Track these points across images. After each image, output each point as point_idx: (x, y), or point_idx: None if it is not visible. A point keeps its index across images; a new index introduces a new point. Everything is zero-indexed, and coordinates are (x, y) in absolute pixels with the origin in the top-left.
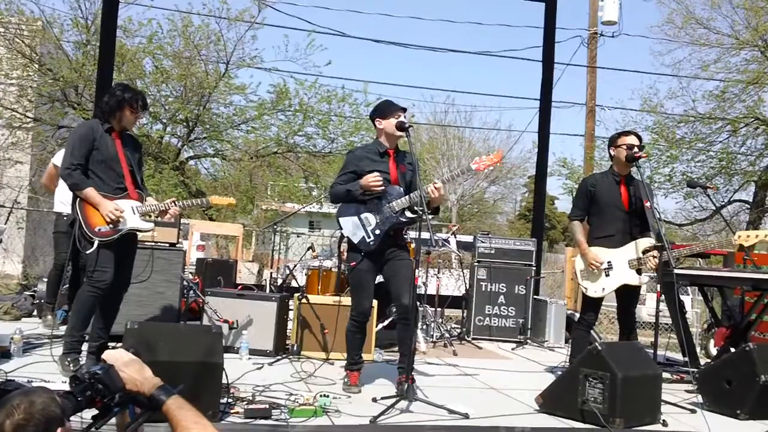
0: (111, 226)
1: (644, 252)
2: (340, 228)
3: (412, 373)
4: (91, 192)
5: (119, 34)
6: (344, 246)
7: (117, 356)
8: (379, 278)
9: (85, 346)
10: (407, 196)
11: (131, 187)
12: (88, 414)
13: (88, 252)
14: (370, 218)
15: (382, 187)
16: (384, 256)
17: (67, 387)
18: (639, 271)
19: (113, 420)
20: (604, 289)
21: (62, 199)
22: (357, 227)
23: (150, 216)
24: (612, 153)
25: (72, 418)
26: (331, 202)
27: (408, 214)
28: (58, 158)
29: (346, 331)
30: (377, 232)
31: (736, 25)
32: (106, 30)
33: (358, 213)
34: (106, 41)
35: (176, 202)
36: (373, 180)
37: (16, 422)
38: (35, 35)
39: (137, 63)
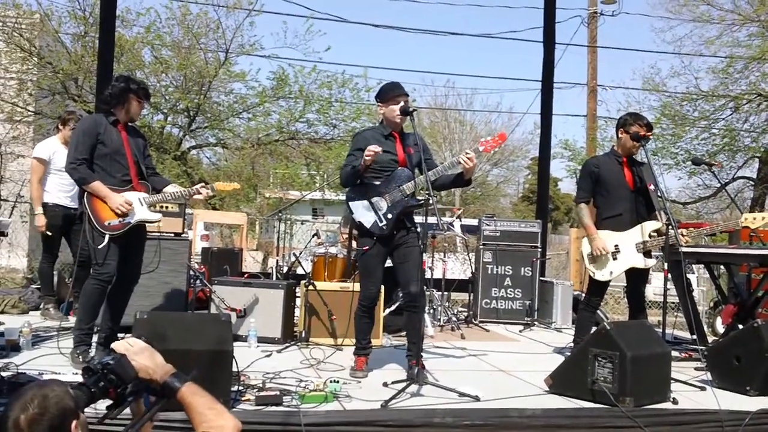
0: (120, 219)
1: (651, 234)
2: (351, 213)
3: (422, 359)
4: (98, 185)
5: (117, 25)
6: (347, 231)
7: (128, 345)
8: (388, 262)
9: (95, 338)
10: (417, 179)
11: (136, 179)
12: (102, 404)
13: (100, 246)
14: (381, 202)
15: (372, 153)
16: (393, 241)
17: (79, 378)
18: (648, 254)
19: (127, 410)
20: (611, 272)
21: (48, 188)
22: (368, 211)
23: (156, 206)
24: (619, 135)
25: (86, 409)
26: (342, 185)
27: (419, 197)
28: (39, 151)
29: (355, 315)
30: (389, 215)
31: (739, 0)
32: (105, 20)
33: (369, 198)
34: (105, 32)
35: (206, 186)
36: (368, 152)
37: (30, 416)
38: (33, 28)
39: (136, 53)
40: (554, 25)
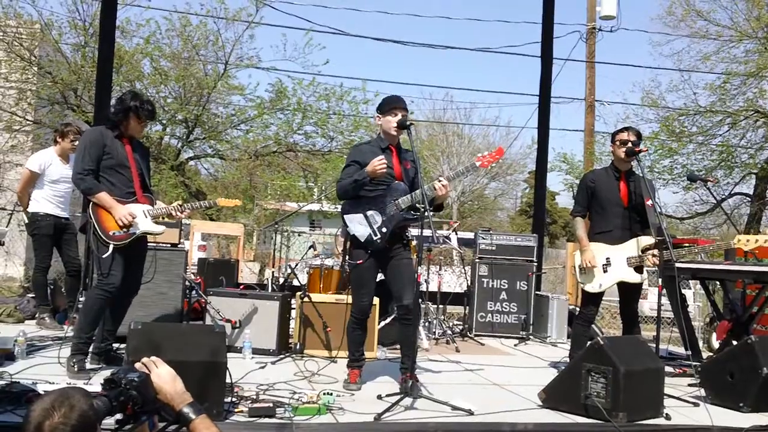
0: (124, 230)
1: (643, 250)
2: (346, 226)
3: (416, 371)
4: (104, 196)
5: (117, 36)
6: (342, 243)
7: (153, 366)
8: (380, 276)
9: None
10: (412, 194)
11: (140, 191)
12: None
13: (104, 256)
14: (376, 216)
15: (385, 167)
16: (387, 255)
17: (96, 387)
18: (639, 269)
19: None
20: (601, 285)
21: (38, 198)
22: (363, 225)
23: (160, 219)
24: (611, 149)
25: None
26: (338, 197)
27: (413, 211)
28: (32, 163)
29: (347, 327)
30: (384, 229)
31: (737, 17)
32: (105, 31)
33: (364, 211)
34: (104, 43)
35: (184, 205)
36: (378, 163)
37: (54, 424)
38: (34, 38)
39: (136, 64)
40: (552, 40)
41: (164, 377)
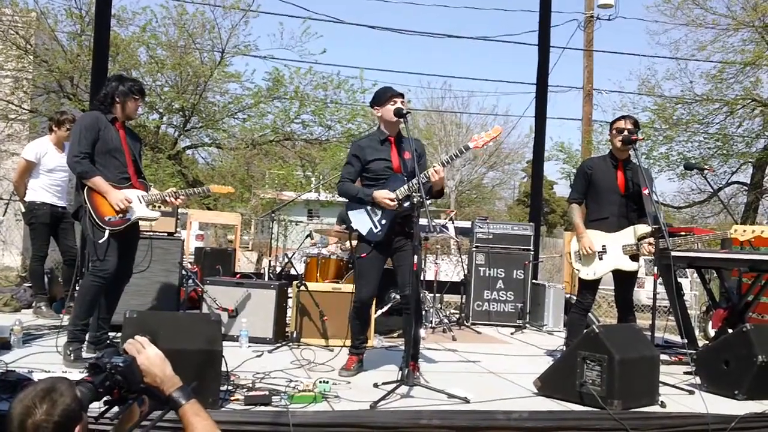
0: (120, 215)
1: (640, 239)
2: (350, 222)
3: (414, 361)
4: (99, 180)
5: (113, 24)
6: (340, 229)
7: (140, 347)
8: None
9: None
10: (407, 184)
11: (134, 177)
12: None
13: (100, 241)
14: (376, 209)
15: (394, 207)
16: (392, 246)
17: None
18: (635, 257)
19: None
20: (596, 272)
21: (35, 187)
22: (365, 219)
23: (155, 205)
24: (609, 138)
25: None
26: (340, 196)
27: (411, 201)
28: (27, 152)
29: (349, 316)
30: (383, 222)
31: (733, 5)
32: (101, 20)
33: (365, 206)
34: (100, 31)
35: (178, 192)
36: (386, 198)
37: (36, 422)
38: (29, 27)
39: (132, 53)
40: (549, 28)
41: (152, 359)
